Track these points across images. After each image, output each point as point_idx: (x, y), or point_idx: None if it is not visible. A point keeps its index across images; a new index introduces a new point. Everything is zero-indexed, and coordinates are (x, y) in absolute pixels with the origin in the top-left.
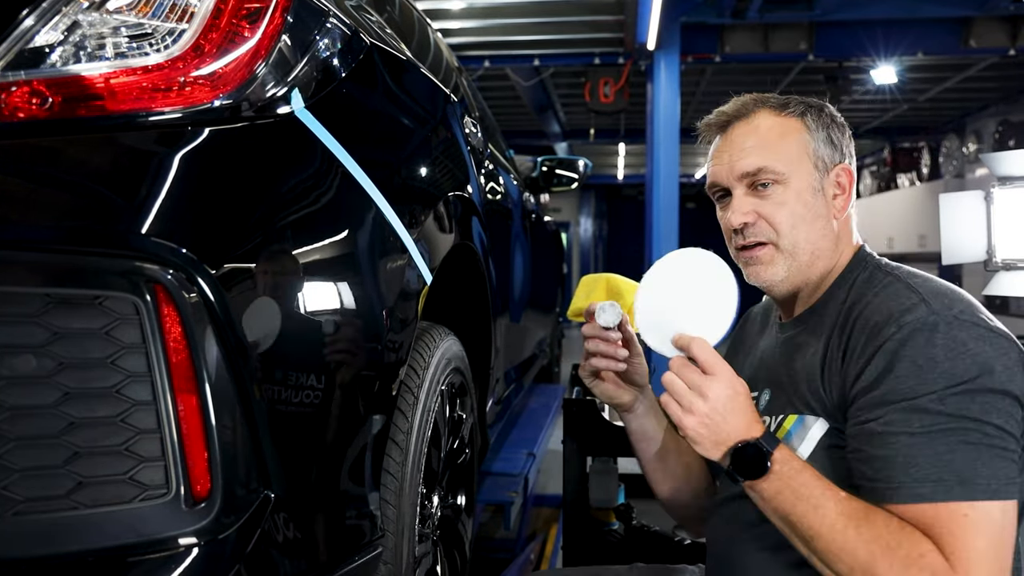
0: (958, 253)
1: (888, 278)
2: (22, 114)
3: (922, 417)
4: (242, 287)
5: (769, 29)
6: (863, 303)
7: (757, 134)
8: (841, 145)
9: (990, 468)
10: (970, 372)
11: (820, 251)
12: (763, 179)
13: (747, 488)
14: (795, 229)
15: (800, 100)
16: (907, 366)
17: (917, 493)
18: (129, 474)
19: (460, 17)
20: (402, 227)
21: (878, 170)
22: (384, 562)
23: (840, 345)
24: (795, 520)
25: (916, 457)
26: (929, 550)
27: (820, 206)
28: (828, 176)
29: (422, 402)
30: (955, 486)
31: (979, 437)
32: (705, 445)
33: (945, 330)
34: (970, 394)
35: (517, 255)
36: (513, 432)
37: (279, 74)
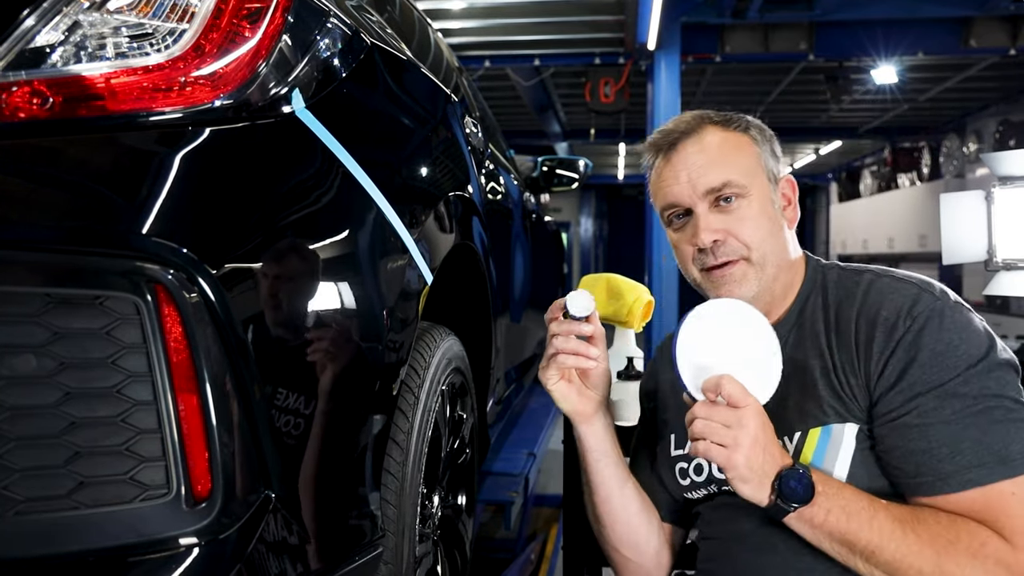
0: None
1: (865, 276)
2: (23, 114)
3: (953, 403)
4: (243, 287)
5: (769, 29)
6: (856, 305)
7: (712, 150)
8: (780, 158)
9: (1020, 442)
10: (981, 350)
11: (782, 262)
12: (727, 193)
13: (795, 520)
14: (764, 242)
15: (740, 116)
16: (928, 355)
17: (967, 479)
18: (130, 474)
19: (460, 17)
20: (403, 227)
21: (878, 170)
22: (385, 562)
23: (847, 349)
24: (852, 538)
25: (958, 444)
26: (988, 536)
27: (778, 217)
28: (778, 188)
29: (423, 402)
30: (996, 466)
31: (1003, 413)
32: (754, 482)
33: (951, 314)
34: (986, 371)
35: (518, 255)
36: (514, 432)
37: (280, 74)
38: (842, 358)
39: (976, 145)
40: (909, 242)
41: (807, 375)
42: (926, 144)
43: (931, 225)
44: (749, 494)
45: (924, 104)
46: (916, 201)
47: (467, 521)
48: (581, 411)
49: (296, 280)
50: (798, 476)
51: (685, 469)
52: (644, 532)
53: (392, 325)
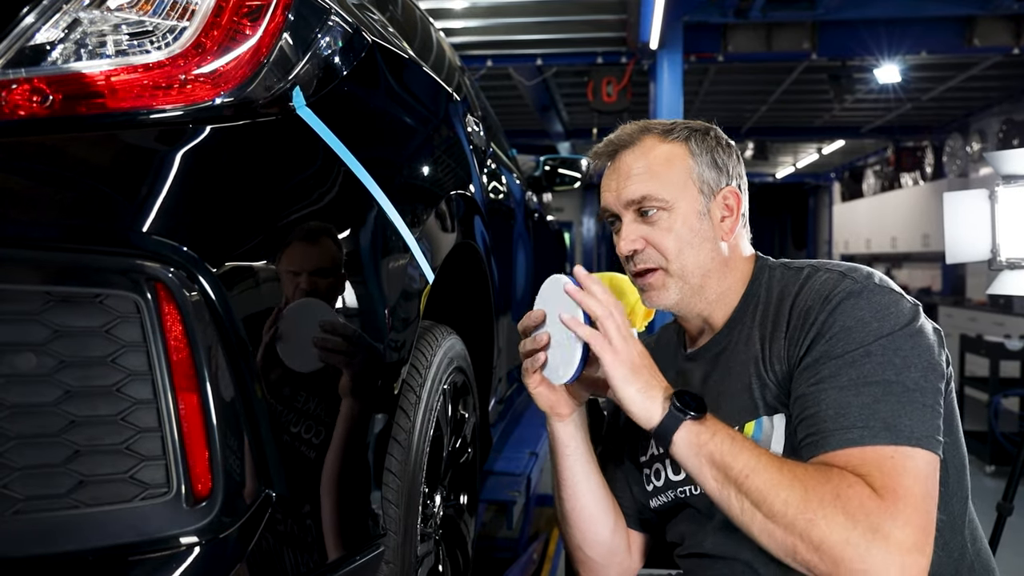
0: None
1: (804, 270)
2: (23, 112)
3: (850, 371)
4: (243, 285)
5: (772, 28)
6: (791, 297)
7: (642, 162)
8: (727, 167)
9: (912, 419)
10: (894, 326)
11: (710, 272)
12: (646, 207)
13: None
14: (682, 254)
15: (685, 125)
16: (838, 329)
17: (846, 438)
18: (130, 473)
19: (463, 16)
20: (404, 226)
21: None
22: (386, 561)
23: (778, 340)
24: (730, 461)
25: (845, 407)
26: (856, 482)
27: (707, 229)
28: (715, 199)
29: (424, 401)
30: (881, 431)
31: (900, 389)
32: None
33: (868, 295)
34: (892, 345)
35: (520, 254)
36: (516, 431)
37: (280, 72)
38: (773, 350)
39: (979, 144)
40: (912, 242)
41: (745, 373)
42: (929, 143)
43: (934, 224)
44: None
45: (927, 103)
46: (919, 201)
47: (469, 520)
48: (559, 411)
49: (297, 279)
50: (692, 394)
51: (648, 475)
52: (607, 534)
53: (394, 324)
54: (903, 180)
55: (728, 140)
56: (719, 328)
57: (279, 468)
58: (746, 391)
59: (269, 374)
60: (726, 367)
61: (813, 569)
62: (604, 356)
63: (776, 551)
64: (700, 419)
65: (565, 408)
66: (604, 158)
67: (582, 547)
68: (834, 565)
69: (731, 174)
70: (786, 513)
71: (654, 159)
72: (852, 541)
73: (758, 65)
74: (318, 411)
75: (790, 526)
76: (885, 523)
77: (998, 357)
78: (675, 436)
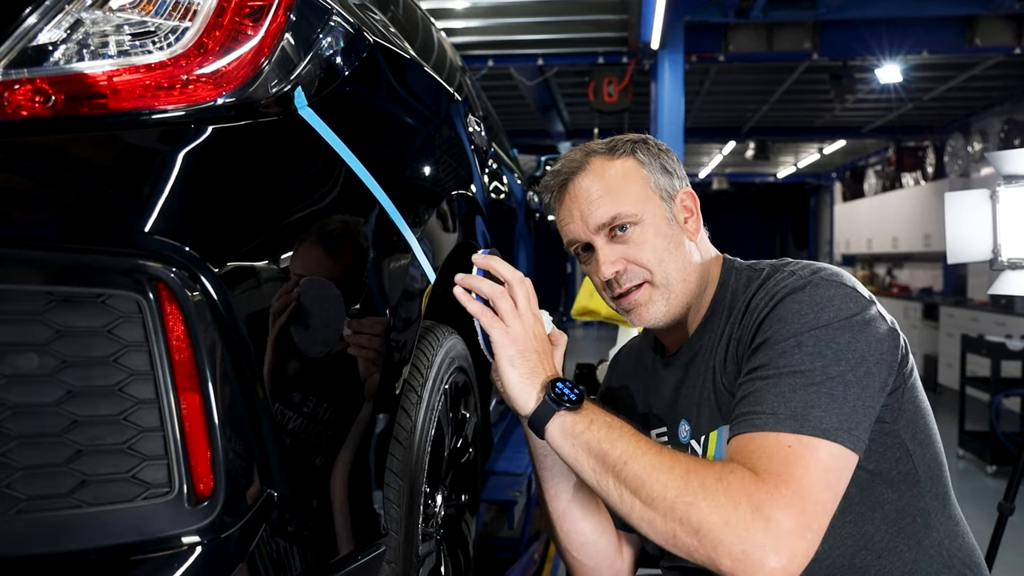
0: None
1: (764, 270)
2: (25, 112)
3: (778, 361)
4: (245, 285)
5: (773, 28)
6: (748, 296)
7: (599, 183)
8: (675, 170)
9: (825, 411)
10: (830, 319)
11: (689, 274)
12: (618, 224)
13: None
14: (663, 263)
15: (625, 139)
16: (774, 322)
17: (752, 423)
18: (132, 472)
19: (464, 16)
20: (405, 226)
21: (883, 169)
22: (388, 561)
23: (733, 341)
24: (608, 448)
25: (761, 395)
26: (738, 466)
27: (677, 234)
28: (675, 203)
29: (426, 401)
30: (786, 419)
31: (821, 379)
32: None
33: (811, 290)
34: (825, 336)
35: (521, 254)
36: (517, 431)
37: (282, 72)
38: (728, 354)
39: (981, 144)
40: (913, 241)
41: (711, 379)
42: (930, 143)
43: (935, 224)
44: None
45: (929, 103)
46: (920, 200)
47: (470, 520)
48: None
49: (298, 278)
50: (570, 385)
51: None
52: (591, 535)
53: (395, 324)
54: (904, 180)
55: (665, 145)
56: (691, 333)
57: (281, 468)
58: (708, 400)
59: (271, 374)
60: (697, 373)
61: (693, 554)
62: (492, 333)
63: (656, 538)
64: (576, 410)
65: None
66: (556, 190)
67: (568, 549)
68: (712, 548)
69: (680, 176)
70: (665, 497)
71: (610, 178)
72: (731, 522)
73: (759, 65)
74: (320, 411)
75: (669, 510)
76: (765, 505)
77: (999, 357)
78: (548, 426)
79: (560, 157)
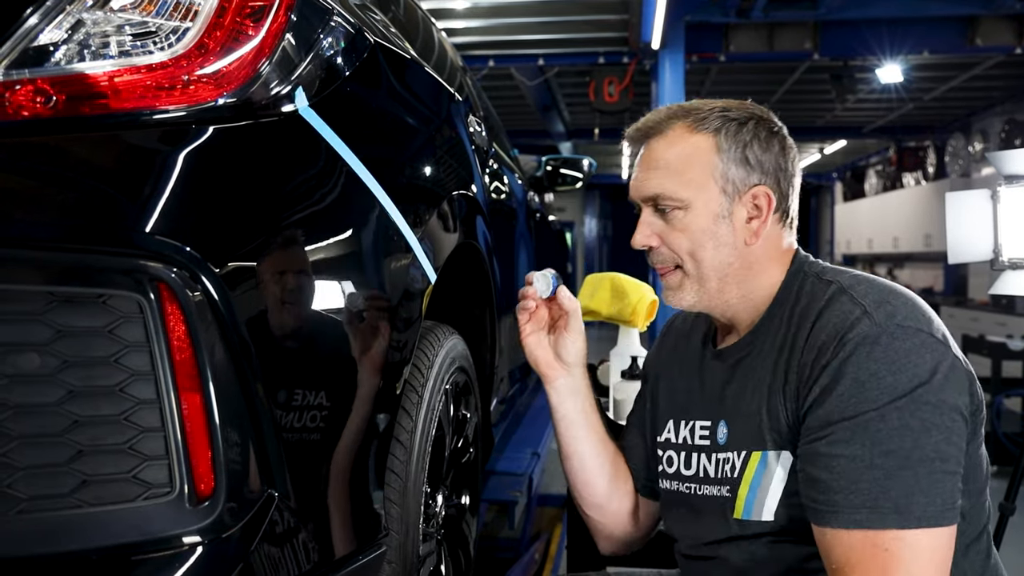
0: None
1: (831, 287)
2: (26, 112)
3: (863, 438)
4: (246, 285)
5: (774, 28)
6: (811, 320)
7: (666, 154)
8: (762, 163)
9: (928, 495)
10: (911, 384)
11: (728, 277)
12: (661, 205)
13: None
14: (695, 256)
15: (721, 113)
16: (850, 383)
17: (853, 519)
18: (133, 472)
19: (464, 16)
20: (406, 226)
21: (883, 169)
22: (388, 561)
23: (793, 366)
24: None
25: (856, 482)
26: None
27: (725, 233)
28: (740, 200)
29: (426, 401)
30: (890, 514)
31: (918, 459)
32: None
33: (887, 341)
34: (911, 408)
35: (521, 254)
36: (517, 431)
37: (283, 72)
38: (788, 379)
39: (982, 144)
40: (914, 242)
41: (758, 395)
42: (931, 143)
43: (936, 224)
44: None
45: (929, 103)
46: (921, 200)
47: (471, 520)
48: (545, 372)
49: (299, 279)
50: None
51: (661, 457)
52: (604, 497)
53: (396, 324)
54: (905, 180)
55: (774, 130)
56: (743, 333)
57: (281, 468)
58: (756, 417)
59: (271, 374)
60: (743, 381)
61: None
62: None
63: None
64: None
65: (547, 368)
66: (635, 143)
67: (582, 506)
68: None
69: (766, 171)
70: None
71: (677, 153)
72: None
73: (760, 65)
74: (320, 411)
75: None
76: None
77: (1000, 357)
78: None
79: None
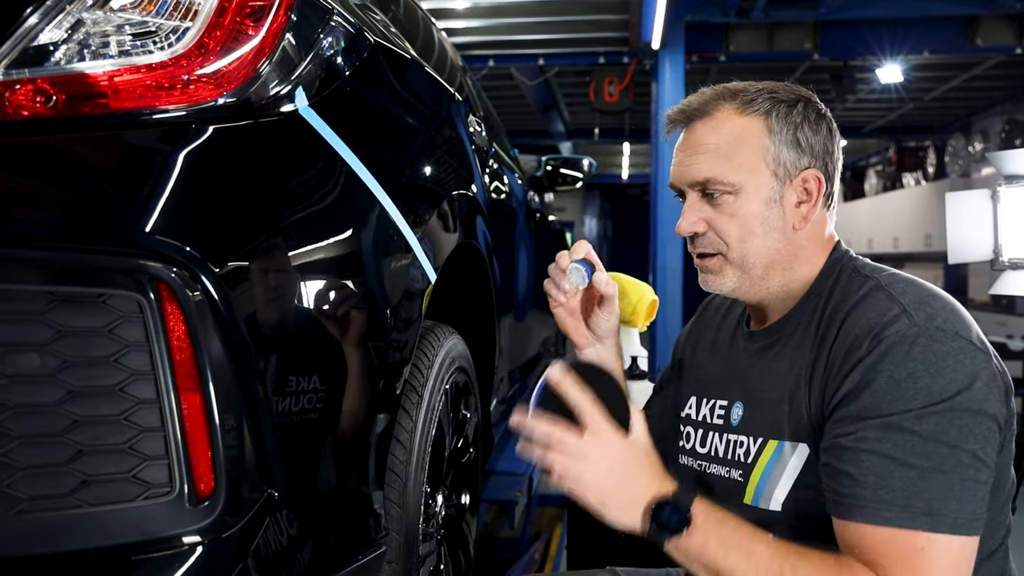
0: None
1: (868, 283)
2: (26, 112)
3: (896, 437)
4: (246, 285)
5: (774, 28)
6: (843, 313)
7: (713, 137)
8: (812, 146)
9: (960, 502)
10: (949, 389)
11: (775, 263)
12: (711, 190)
13: (672, 549)
14: (744, 243)
15: (769, 94)
16: (885, 381)
17: (882, 516)
18: (133, 472)
19: (464, 16)
20: (406, 226)
21: (883, 169)
22: (388, 561)
23: (821, 359)
24: (727, 572)
25: (887, 479)
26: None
27: (775, 218)
28: (791, 183)
29: (426, 401)
30: (921, 515)
31: (953, 464)
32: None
33: (926, 343)
34: (949, 414)
35: (521, 254)
36: None
37: (283, 72)
38: (815, 371)
39: (982, 144)
40: (914, 242)
41: (783, 384)
42: (931, 143)
43: (936, 224)
44: (616, 522)
45: (929, 103)
46: (921, 200)
47: (471, 520)
48: (575, 339)
49: (299, 278)
50: (673, 505)
51: (681, 432)
52: None
53: (396, 324)
54: (905, 180)
55: (821, 112)
56: (773, 319)
57: (281, 468)
58: (778, 406)
59: (271, 374)
60: (768, 367)
61: None
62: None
63: None
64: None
65: (578, 337)
66: (678, 125)
67: None
68: None
69: (816, 154)
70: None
71: (725, 136)
72: None
73: (760, 65)
74: (320, 411)
75: None
76: None
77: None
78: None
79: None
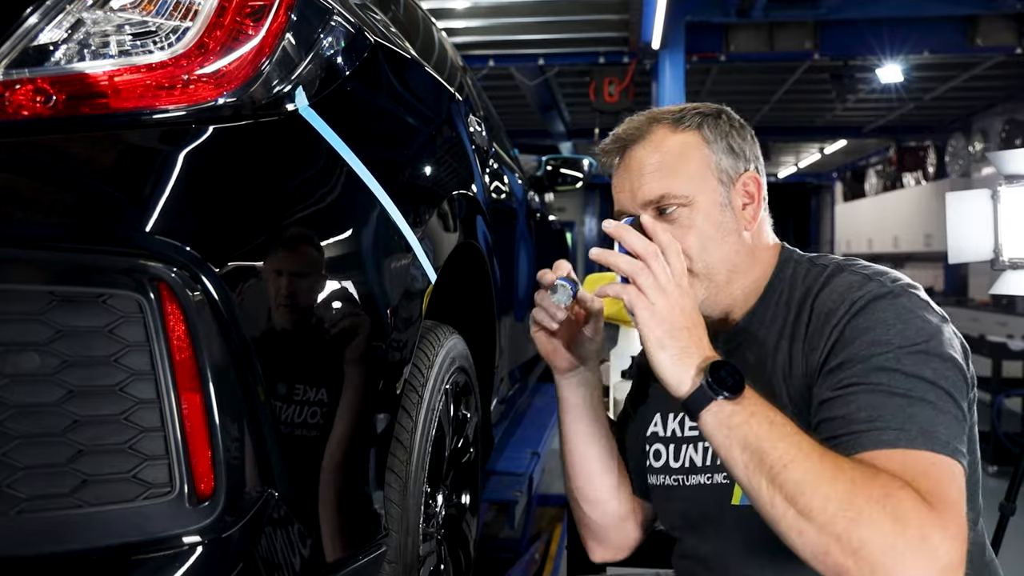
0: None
1: (828, 268)
2: (26, 112)
3: (879, 375)
4: (246, 285)
5: (774, 28)
6: (812, 297)
7: (655, 156)
8: (744, 151)
9: (948, 429)
10: (921, 335)
11: (736, 267)
12: (665, 205)
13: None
14: (705, 251)
15: (694, 111)
16: (860, 332)
17: (882, 439)
18: (133, 472)
19: (465, 16)
20: (406, 226)
21: (883, 169)
22: (388, 561)
23: (799, 339)
24: (767, 447)
25: (878, 409)
26: (905, 485)
27: (729, 221)
28: (734, 187)
29: (426, 401)
30: (918, 436)
31: (934, 397)
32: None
33: (892, 299)
34: (924, 356)
35: (522, 254)
36: (518, 431)
37: (283, 72)
38: (792, 360)
39: (982, 144)
40: (914, 241)
41: (758, 377)
42: (931, 143)
43: (936, 224)
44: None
45: (929, 103)
46: (921, 200)
47: (471, 520)
48: (555, 363)
49: (299, 278)
50: (730, 368)
51: (648, 452)
52: (606, 495)
53: (396, 324)
54: (905, 180)
55: (741, 121)
56: (733, 323)
57: (281, 468)
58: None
59: (272, 374)
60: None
61: (841, 573)
62: (635, 312)
63: (803, 552)
64: (735, 398)
65: (560, 361)
66: (613, 155)
67: (581, 504)
68: (870, 571)
69: (748, 157)
70: (825, 509)
71: (667, 152)
72: (898, 547)
73: (760, 65)
74: (320, 411)
75: (827, 524)
76: (935, 534)
77: (1001, 357)
78: (703, 414)
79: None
